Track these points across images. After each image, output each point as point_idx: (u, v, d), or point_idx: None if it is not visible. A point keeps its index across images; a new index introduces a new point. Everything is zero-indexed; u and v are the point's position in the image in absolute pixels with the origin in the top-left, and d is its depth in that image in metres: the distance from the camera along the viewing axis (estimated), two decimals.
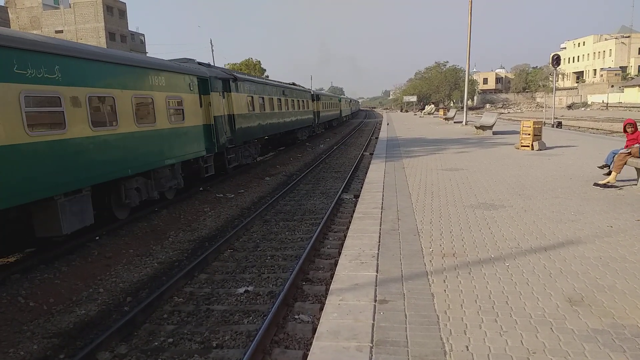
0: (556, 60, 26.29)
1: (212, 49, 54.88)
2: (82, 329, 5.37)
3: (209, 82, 13.10)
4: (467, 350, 3.25)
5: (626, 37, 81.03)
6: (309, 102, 31.72)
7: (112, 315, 5.72)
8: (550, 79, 72.46)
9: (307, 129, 30.52)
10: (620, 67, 79.18)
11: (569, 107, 72.36)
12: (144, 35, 74.24)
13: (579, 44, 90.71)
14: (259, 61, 68.32)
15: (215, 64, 22.63)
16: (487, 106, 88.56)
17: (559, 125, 26.01)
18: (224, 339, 4.94)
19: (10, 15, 57.63)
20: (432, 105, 72.22)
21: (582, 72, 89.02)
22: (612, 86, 73.67)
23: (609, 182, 8.63)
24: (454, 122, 33.15)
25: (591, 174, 9.76)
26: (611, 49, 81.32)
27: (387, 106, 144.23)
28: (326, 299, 4.25)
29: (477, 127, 22.38)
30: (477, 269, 4.75)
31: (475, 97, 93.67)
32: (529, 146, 14.84)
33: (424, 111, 60.19)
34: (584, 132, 25.45)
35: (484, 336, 3.43)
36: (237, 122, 15.19)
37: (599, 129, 29.24)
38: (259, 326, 4.98)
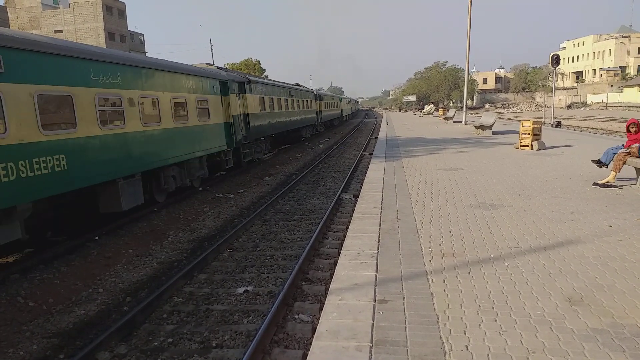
0: (556, 60, 26.31)
1: (212, 49, 54.80)
2: (82, 329, 5.36)
3: (228, 85, 14.56)
4: (467, 349, 3.24)
5: (626, 37, 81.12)
6: (313, 102, 32.79)
7: (112, 315, 5.72)
8: (549, 78, 72.51)
9: (310, 127, 31.61)
10: (619, 67, 79.27)
11: (569, 106, 72.40)
12: (143, 35, 74.21)
13: (579, 43, 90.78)
14: (259, 61, 68.39)
15: (214, 64, 22.79)
16: (487, 106, 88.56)
17: (559, 125, 26.01)
18: (224, 339, 4.94)
19: (9, 15, 57.55)
20: (432, 105, 72.26)
21: (582, 71, 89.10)
22: (612, 86, 73.73)
23: (608, 182, 8.64)
24: (454, 121, 33.15)
25: (590, 173, 9.77)
26: (610, 49, 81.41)
27: (386, 106, 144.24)
28: (326, 299, 4.25)
29: (476, 127, 22.38)
30: (476, 268, 4.75)
31: (474, 97, 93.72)
32: (528, 146, 14.84)
33: (423, 111, 60.17)
34: (584, 132, 25.47)
35: (483, 336, 3.43)
36: (250, 120, 16.55)
37: (598, 129, 29.26)
38: (258, 326, 4.98)
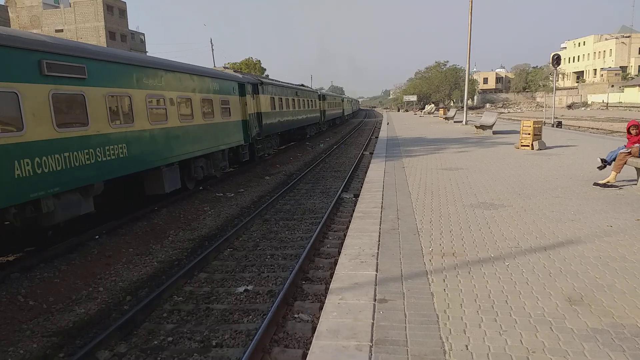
0: (556, 60, 26.28)
1: (212, 49, 54.73)
2: (82, 327, 5.36)
3: (245, 87, 16.12)
4: (467, 349, 3.24)
5: (626, 37, 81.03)
6: (317, 101, 34.10)
7: (112, 314, 5.72)
8: (550, 78, 72.38)
9: (314, 125, 33.24)
10: (620, 67, 79.21)
11: (569, 106, 72.33)
12: (144, 34, 74.21)
13: (579, 43, 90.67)
14: (259, 60, 68.26)
15: (215, 64, 23.22)
16: (487, 106, 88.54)
17: (559, 124, 25.98)
18: (224, 338, 4.94)
19: (10, 14, 57.53)
20: (432, 104, 72.24)
21: (583, 71, 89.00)
22: (612, 86, 73.67)
23: (608, 182, 8.63)
24: (454, 121, 33.16)
25: (591, 173, 9.76)
26: (611, 49, 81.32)
27: (387, 106, 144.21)
28: (326, 298, 4.25)
29: (477, 127, 22.38)
30: (476, 268, 4.75)
31: (475, 97, 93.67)
32: (529, 146, 14.84)
33: (424, 111, 60.18)
34: (584, 132, 25.44)
35: (483, 335, 3.43)
36: (263, 118, 18.16)
37: (599, 129, 29.23)
38: (258, 325, 4.98)
